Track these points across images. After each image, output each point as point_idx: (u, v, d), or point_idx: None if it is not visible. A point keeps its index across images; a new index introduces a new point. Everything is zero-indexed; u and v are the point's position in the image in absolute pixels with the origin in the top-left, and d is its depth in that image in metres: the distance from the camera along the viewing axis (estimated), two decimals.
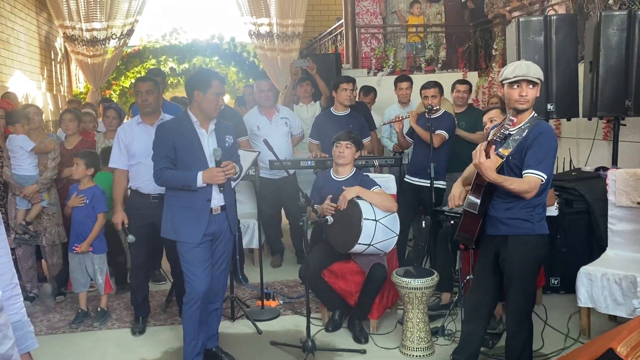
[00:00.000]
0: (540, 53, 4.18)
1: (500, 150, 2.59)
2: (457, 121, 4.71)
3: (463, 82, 5.07)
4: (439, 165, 4.34)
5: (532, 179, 2.48)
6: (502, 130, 2.46)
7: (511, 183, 2.47)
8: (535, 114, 2.65)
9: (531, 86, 2.54)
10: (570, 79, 4.24)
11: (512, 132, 2.61)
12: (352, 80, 4.78)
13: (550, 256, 4.11)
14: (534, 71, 2.54)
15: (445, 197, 4.09)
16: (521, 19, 4.23)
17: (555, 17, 4.21)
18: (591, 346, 2.39)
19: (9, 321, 1.20)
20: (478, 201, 2.60)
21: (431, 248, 4.18)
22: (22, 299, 1.34)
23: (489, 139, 2.50)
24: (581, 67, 4.57)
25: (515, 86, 2.54)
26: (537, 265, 2.66)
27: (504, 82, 2.62)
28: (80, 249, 3.84)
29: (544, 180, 2.51)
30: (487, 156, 2.41)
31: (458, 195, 2.76)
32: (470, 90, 4.98)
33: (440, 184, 4.39)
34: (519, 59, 4.20)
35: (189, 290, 3.01)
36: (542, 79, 2.58)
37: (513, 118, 2.47)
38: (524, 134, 2.56)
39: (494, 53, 7.34)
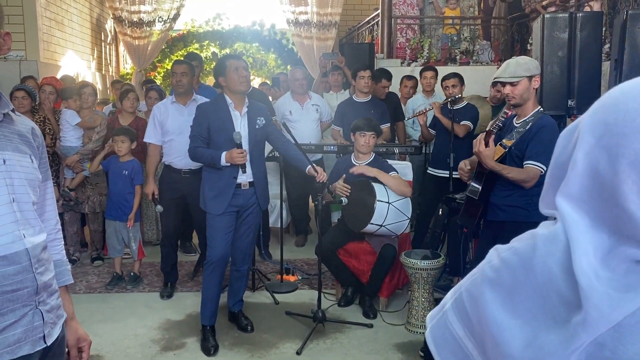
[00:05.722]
0: (563, 49, 4.23)
1: (504, 141, 2.75)
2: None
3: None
4: (463, 157, 4.46)
5: (532, 169, 2.63)
6: (497, 123, 2.62)
7: (509, 172, 2.63)
8: (541, 109, 2.78)
9: (510, 85, 2.68)
10: (592, 76, 4.28)
11: (516, 125, 2.76)
12: (368, 68, 4.95)
13: None
14: (510, 70, 2.67)
15: None
16: (547, 16, 4.30)
17: (580, 15, 4.24)
18: None
19: (51, 257, 1.45)
20: (479, 188, 2.77)
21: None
22: (62, 242, 1.60)
23: (487, 129, 2.66)
24: (607, 65, 4.60)
25: (500, 86, 2.72)
26: None
27: None
28: (130, 224, 4.19)
29: (544, 172, 2.65)
30: (487, 145, 2.57)
31: (464, 166, 2.89)
32: None
33: None
34: (542, 54, 4.28)
35: (208, 254, 3.31)
36: (526, 74, 2.67)
37: (507, 111, 2.63)
38: (528, 127, 2.71)
39: (529, 47, 7.32)
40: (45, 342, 1.34)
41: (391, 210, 3.55)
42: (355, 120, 3.89)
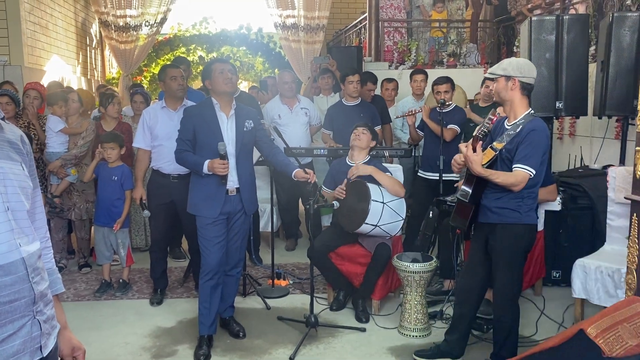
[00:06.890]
0: (551, 52, 4.27)
1: (494, 143, 2.75)
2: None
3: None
4: (451, 159, 4.47)
5: (520, 173, 2.63)
6: (482, 129, 2.63)
7: (497, 177, 2.63)
8: (532, 111, 2.78)
9: (493, 80, 2.80)
10: (580, 78, 4.32)
11: (507, 127, 2.77)
12: (357, 73, 4.97)
13: (553, 250, 4.24)
14: (494, 68, 2.79)
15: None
16: (534, 18, 4.33)
17: (567, 17, 4.29)
18: (567, 330, 2.54)
19: (44, 266, 1.42)
20: (469, 190, 2.76)
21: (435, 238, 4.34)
22: (52, 250, 1.58)
23: (473, 135, 2.66)
24: (594, 66, 4.64)
25: (489, 82, 2.79)
26: (524, 253, 2.81)
27: None
28: (117, 227, 4.12)
29: (533, 175, 2.65)
30: (474, 150, 2.58)
31: (458, 159, 2.84)
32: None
33: (453, 176, 4.52)
34: (529, 56, 4.31)
35: (202, 263, 3.27)
36: (501, 73, 2.74)
37: (492, 117, 2.64)
38: (518, 129, 2.71)
39: (515, 50, 7.38)
40: (42, 353, 1.32)
41: (386, 210, 3.55)
42: None
